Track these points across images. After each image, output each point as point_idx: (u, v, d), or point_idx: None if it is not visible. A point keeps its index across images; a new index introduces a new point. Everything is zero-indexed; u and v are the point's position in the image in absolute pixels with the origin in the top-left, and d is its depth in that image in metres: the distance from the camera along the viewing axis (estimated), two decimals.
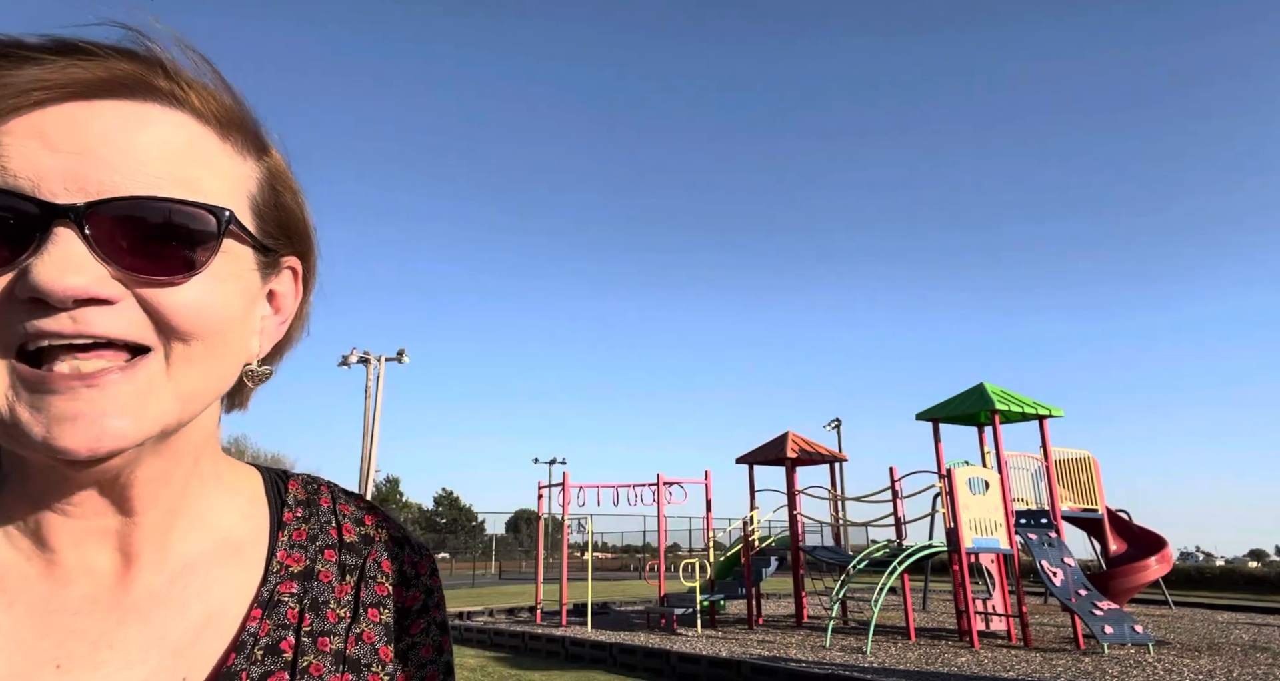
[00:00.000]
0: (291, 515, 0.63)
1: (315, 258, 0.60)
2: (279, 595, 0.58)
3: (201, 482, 0.57)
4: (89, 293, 0.43)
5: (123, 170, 0.45)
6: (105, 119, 0.45)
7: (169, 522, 0.55)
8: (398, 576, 0.65)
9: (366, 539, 0.65)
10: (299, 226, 0.57)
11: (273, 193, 0.54)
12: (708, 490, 14.29)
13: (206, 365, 0.48)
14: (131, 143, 0.45)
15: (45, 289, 0.42)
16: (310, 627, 0.57)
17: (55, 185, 0.43)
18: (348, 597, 0.61)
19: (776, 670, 8.10)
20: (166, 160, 0.46)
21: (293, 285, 0.58)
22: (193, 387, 0.48)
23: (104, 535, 0.52)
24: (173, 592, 0.54)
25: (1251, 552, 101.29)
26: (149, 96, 0.47)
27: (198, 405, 0.49)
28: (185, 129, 0.48)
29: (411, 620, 0.64)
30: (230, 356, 0.51)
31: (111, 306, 0.44)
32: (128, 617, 0.52)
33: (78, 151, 0.44)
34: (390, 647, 0.61)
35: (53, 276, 0.42)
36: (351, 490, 0.70)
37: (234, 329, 0.50)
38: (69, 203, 0.43)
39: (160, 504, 0.53)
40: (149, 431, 0.46)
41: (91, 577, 0.52)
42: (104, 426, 0.44)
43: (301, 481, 0.67)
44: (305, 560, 0.61)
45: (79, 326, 0.43)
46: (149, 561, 0.54)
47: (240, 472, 0.63)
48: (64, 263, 0.42)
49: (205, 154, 0.49)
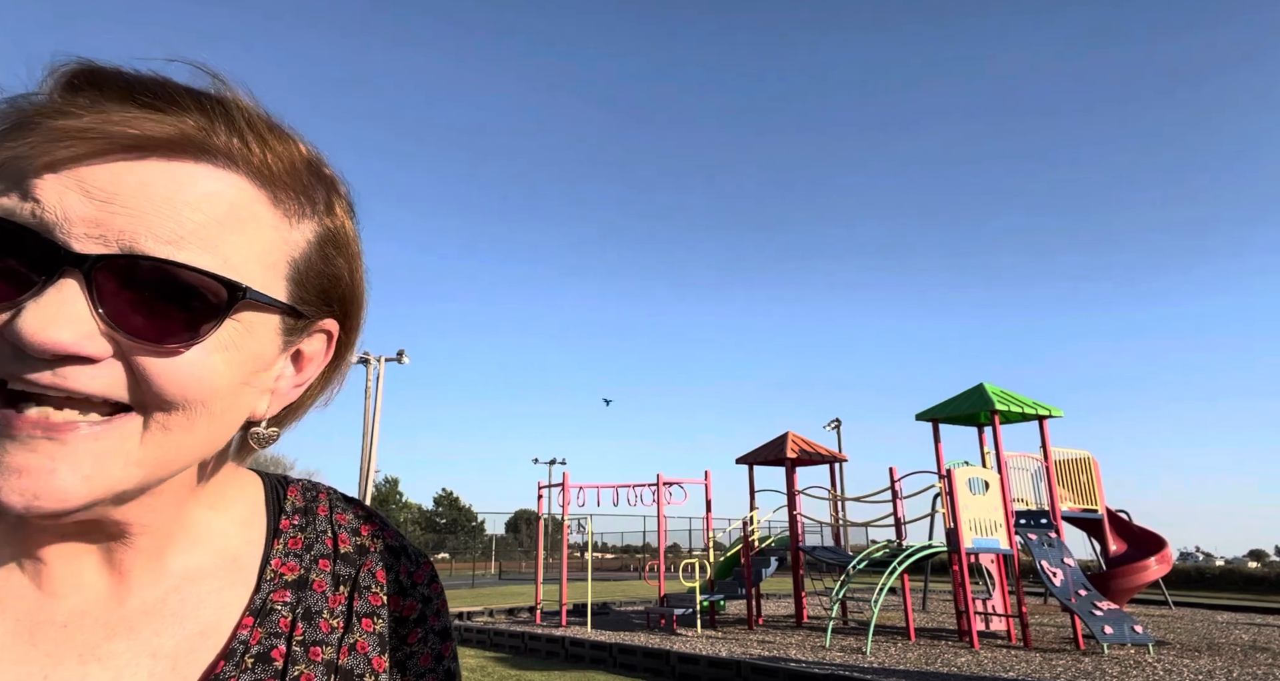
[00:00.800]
0: (288, 523, 0.62)
1: (358, 322, 0.58)
2: (272, 603, 0.57)
3: (199, 501, 0.57)
4: (69, 350, 0.41)
5: (147, 223, 0.43)
6: (149, 173, 0.44)
7: (163, 543, 0.54)
8: (393, 586, 0.64)
9: (361, 549, 0.64)
10: (345, 292, 0.55)
11: (322, 258, 0.52)
12: (707, 490, 14.29)
13: (182, 433, 0.46)
14: (169, 197, 0.44)
15: (24, 339, 0.40)
16: (303, 637, 0.57)
17: (77, 228, 0.42)
18: (341, 608, 0.60)
19: (776, 670, 8.09)
20: (198, 219, 0.44)
21: (323, 348, 0.56)
22: (162, 455, 0.46)
23: (94, 552, 0.51)
24: (167, 605, 0.53)
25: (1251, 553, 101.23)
26: (204, 155, 0.45)
27: (165, 471, 0.47)
28: (233, 190, 0.46)
29: (409, 629, 0.64)
30: (217, 424, 0.48)
31: (94, 364, 0.42)
32: (118, 630, 0.51)
33: (109, 198, 0.42)
34: (384, 658, 0.61)
35: (35, 328, 0.40)
36: (351, 496, 0.69)
37: (222, 398, 0.47)
38: (84, 252, 0.42)
39: (152, 529, 0.52)
40: (98, 496, 0.43)
41: (82, 591, 0.51)
42: (47, 485, 0.41)
43: (301, 488, 0.66)
44: (300, 568, 0.60)
45: (56, 381, 0.41)
46: (142, 577, 0.53)
47: (242, 481, 0.63)
48: (54, 314, 0.40)
49: (245, 217, 0.46)
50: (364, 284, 0.57)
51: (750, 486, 14.53)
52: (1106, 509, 13.59)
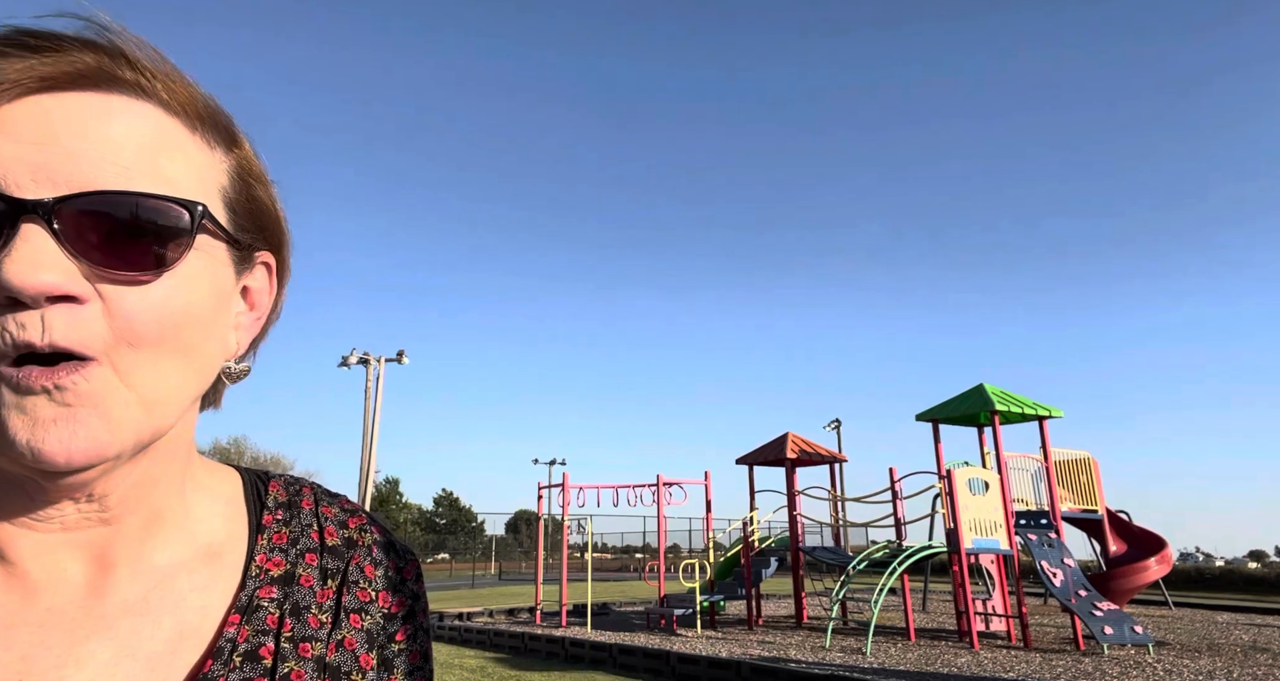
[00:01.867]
0: (271, 517, 0.61)
1: (289, 251, 0.58)
2: (258, 600, 0.55)
3: (182, 487, 0.56)
4: (61, 289, 0.41)
5: (91, 160, 0.43)
6: (71, 109, 0.44)
7: (149, 529, 0.53)
8: (383, 581, 0.63)
9: (349, 542, 0.63)
10: (272, 220, 0.55)
11: (244, 185, 0.52)
12: (707, 491, 14.30)
13: (171, 368, 0.46)
14: (100, 132, 0.44)
15: (16, 286, 0.40)
16: (291, 633, 0.55)
17: (21, 177, 0.41)
18: (329, 603, 0.59)
19: (776, 671, 8.10)
20: (136, 150, 0.45)
21: (267, 280, 0.57)
22: (156, 393, 0.45)
23: (76, 545, 0.50)
24: (149, 603, 0.52)
25: (1251, 553, 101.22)
26: (115, 88, 0.46)
27: (169, 410, 0.47)
28: (153, 119, 0.47)
29: (398, 626, 0.62)
30: (199, 357, 0.48)
31: (78, 307, 0.42)
32: (96, 630, 0.49)
33: (43, 142, 0.42)
34: (372, 655, 0.59)
35: (25, 274, 0.40)
36: (336, 491, 0.68)
37: (201, 328, 0.48)
38: (37, 197, 0.41)
39: (141, 510, 0.51)
40: (122, 441, 0.44)
41: (59, 589, 0.49)
42: (81, 433, 0.42)
43: (283, 482, 0.65)
44: (286, 564, 0.59)
45: (48, 334, 0.41)
46: (125, 571, 0.51)
47: (219, 474, 0.61)
48: (35, 259, 0.40)
49: (175, 144, 0.47)
50: (283, 213, 0.57)
51: (750, 487, 14.54)
52: (1106, 509, 13.59)
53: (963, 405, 12.63)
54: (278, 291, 0.58)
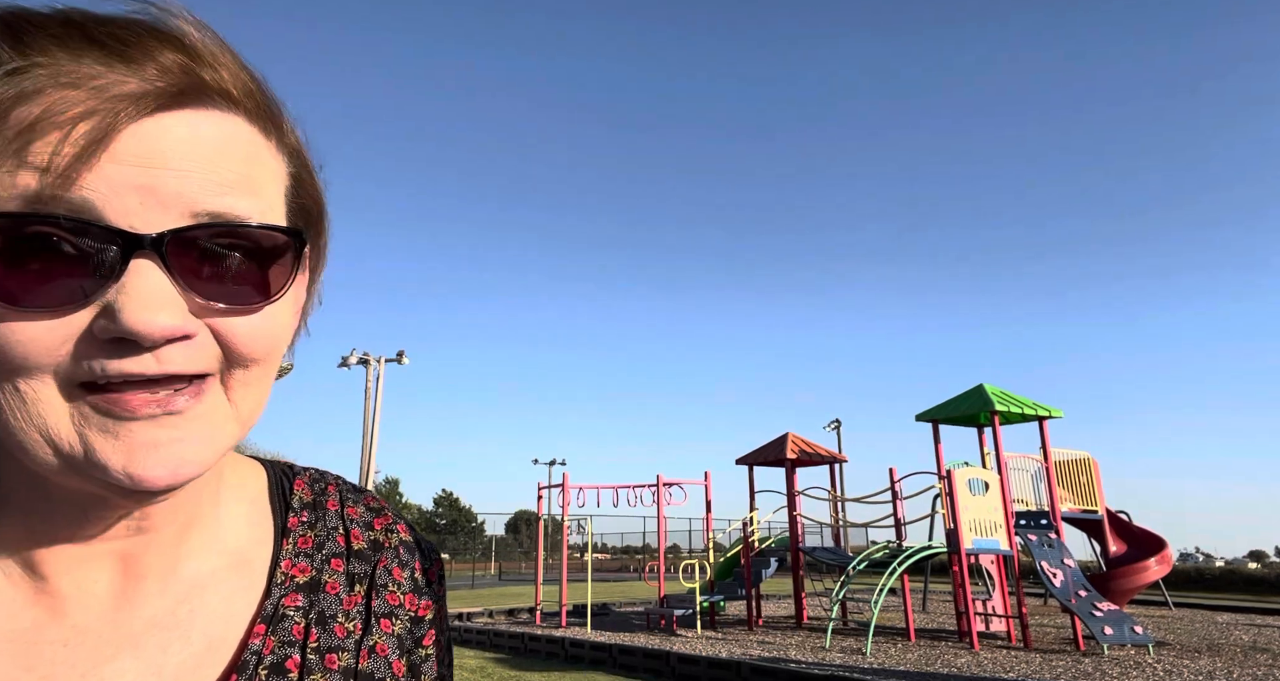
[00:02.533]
0: (297, 520, 0.59)
1: (326, 237, 0.56)
2: (284, 609, 0.54)
3: (217, 490, 0.55)
4: (179, 331, 0.40)
5: (195, 180, 0.41)
6: (170, 128, 0.41)
7: (182, 536, 0.52)
8: (410, 584, 0.61)
9: (375, 544, 0.61)
10: (318, 211, 0.53)
11: (299, 181, 0.50)
12: (707, 491, 14.29)
13: (262, 385, 0.47)
14: (198, 150, 0.42)
15: (137, 331, 0.39)
16: (317, 643, 0.54)
17: (129, 202, 0.39)
18: (357, 609, 0.57)
19: (776, 671, 8.09)
20: (233, 165, 0.43)
21: (306, 270, 0.55)
22: (251, 409, 0.46)
23: (110, 557, 0.48)
24: (177, 616, 0.50)
25: (1251, 553, 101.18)
26: (204, 100, 0.43)
27: (253, 424, 0.48)
28: (241, 129, 0.45)
29: (424, 630, 0.61)
30: (276, 369, 0.49)
31: (191, 341, 0.42)
32: (122, 648, 0.48)
33: (145, 162, 0.40)
34: (403, 661, 0.58)
35: (145, 317, 0.39)
36: (360, 486, 0.66)
37: (287, 342, 0.49)
38: (148, 231, 0.40)
39: (179, 516, 0.50)
40: (219, 456, 0.44)
41: (87, 603, 0.48)
42: (184, 454, 0.42)
43: (308, 479, 0.63)
44: (312, 570, 0.57)
45: (162, 367, 0.40)
46: (154, 584, 0.50)
47: (245, 471, 0.60)
48: (151, 300, 0.39)
49: (260, 157, 0.46)
50: (325, 199, 0.55)
51: (750, 487, 14.53)
52: (1106, 509, 13.59)
53: (963, 405, 12.62)
54: (312, 280, 0.57)
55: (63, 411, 0.40)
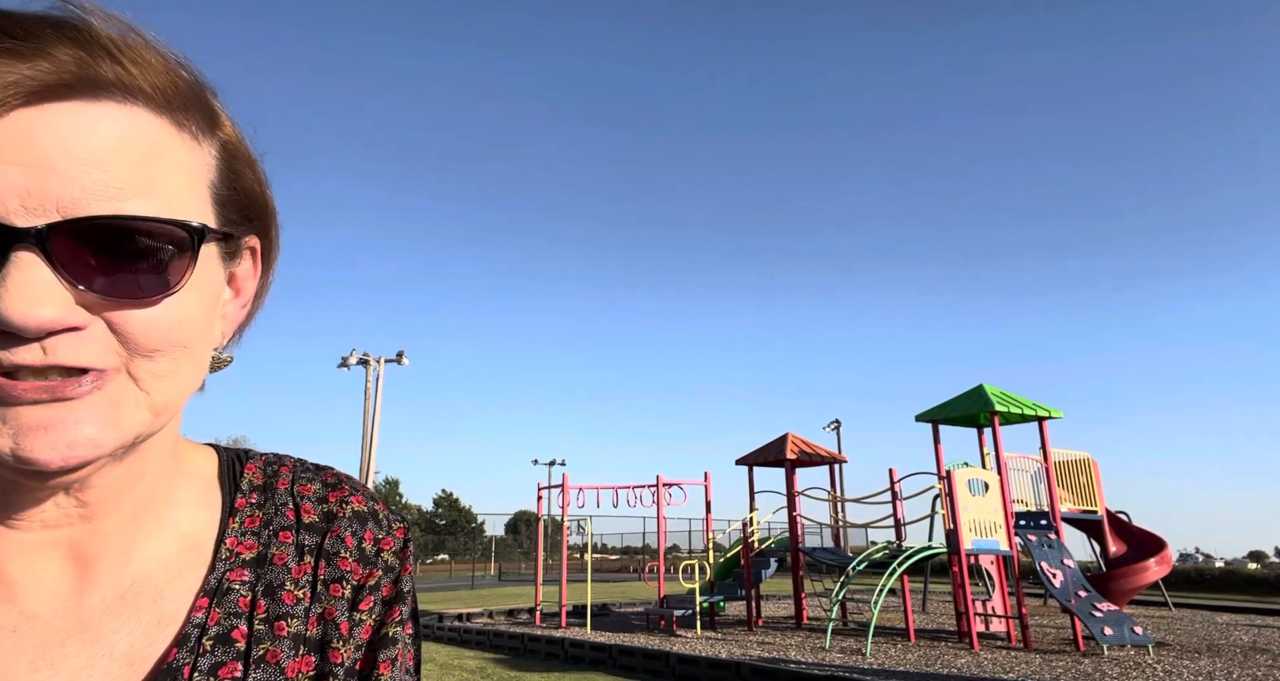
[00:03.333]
0: (244, 501, 0.60)
1: (276, 229, 0.56)
2: (229, 582, 0.55)
3: (170, 478, 0.55)
4: (60, 324, 0.40)
5: (83, 182, 0.41)
6: (58, 124, 0.41)
7: (133, 525, 0.52)
8: (357, 552, 0.61)
9: (328, 515, 0.62)
10: (258, 203, 0.53)
11: (231, 173, 0.50)
12: (707, 491, 14.29)
13: (175, 375, 0.46)
14: (88, 149, 0.41)
15: (15, 324, 0.38)
16: (265, 613, 0.55)
17: (11, 203, 0.39)
18: (306, 577, 0.58)
19: (776, 671, 8.09)
20: (126, 165, 0.42)
21: (252, 265, 0.55)
22: (166, 398, 0.46)
23: (56, 546, 0.49)
24: (126, 598, 0.51)
25: (1251, 554, 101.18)
26: (100, 93, 0.42)
27: (172, 411, 0.47)
28: (141, 124, 0.44)
29: (362, 596, 0.61)
30: (199, 358, 0.49)
31: (79, 333, 0.41)
32: (74, 631, 0.48)
33: (31, 163, 0.40)
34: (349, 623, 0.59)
35: (21, 310, 0.38)
36: (322, 464, 0.66)
37: (200, 333, 0.48)
38: (29, 225, 0.39)
39: (125, 505, 0.51)
40: (124, 440, 0.44)
41: (37, 591, 0.48)
42: (76, 435, 0.41)
43: (261, 463, 0.64)
44: (258, 546, 0.58)
45: (49, 358, 0.40)
46: (106, 568, 0.51)
47: (198, 455, 0.61)
48: (30, 292, 0.39)
49: (165, 151, 0.45)
50: (269, 191, 0.55)
51: (750, 487, 14.53)
52: (1106, 510, 13.59)
53: (962, 406, 12.63)
54: (264, 273, 0.57)
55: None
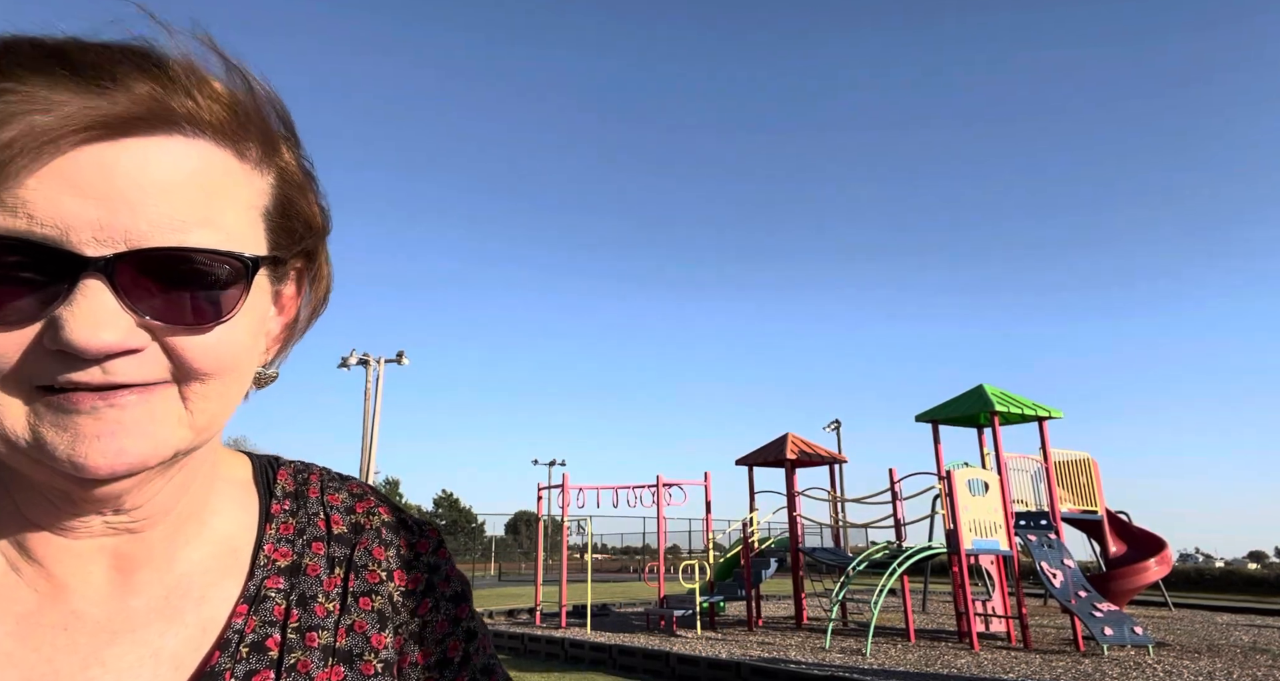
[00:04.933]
0: (279, 507, 0.62)
1: (325, 251, 0.59)
2: (266, 590, 0.57)
3: (209, 487, 0.58)
4: (120, 347, 0.43)
5: (148, 216, 0.44)
6: (130, 158, 0.44)
7: (174, 534, 0.55)
8: (394, 561, 0.64)
9: (356, 527, 0.64)
10: (309, 228, 0.55)
11: (285, 200, 0.53)
12: (707, 491, 14.29)
13: (219, 397, 0.49)
14: (156, 183, 0.44)
15: (79, 346, 0.42)
16: (298, 623, 0.57)
17: (84, 234, 0.42)
18: (337, 590, 0.60)
19: (776, 671, 8.09)
20: (191, 198, 0.45)
21: (296, 286, 0.58)
22: (208, 418, 0.49)
23: (101, 551, 0.51)
24: (170, 604, 0.53)
25: (1251, 554, 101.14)
26: (170, 127, 0.45)
27: (212, 432, 0.50)
28: (206, 158, 0.47)
29: (418, 601, 0.64)
30: (242, 382, 0.51)
31: (139, 355, 0.45)
32: (120, 633, 0.51)
33: (103, 197, 0.43)
34: (385, 635, 0.61)
35: (86, 334, 0.42)
36: (346, 474, 0.69)
37: (247, 359, 0.51)
38: (98, 254, 0.42)
39: (168, 519, 0.53)
40: (164, 454, 0.47)
41: (84, 591, 0.51)
42: (124, 444, 0.44)
43: (292, 471, 0.66)
44: (293, 554, 0.60)
45: (109, 377, 0.44)
46: (148, 574, 0.53)
47: (233, 461, 0.63)
48: (95, 317, 0.42)
49: (226, 183, 0.48)
50: (322, 213, 0.57)
51: (750, 488, 14.53)
52: (1106, 510, 13.59)
53: (962, 406, 12.63)
54: (313, 290, 0.60)
55: (21, 411, 0.44)
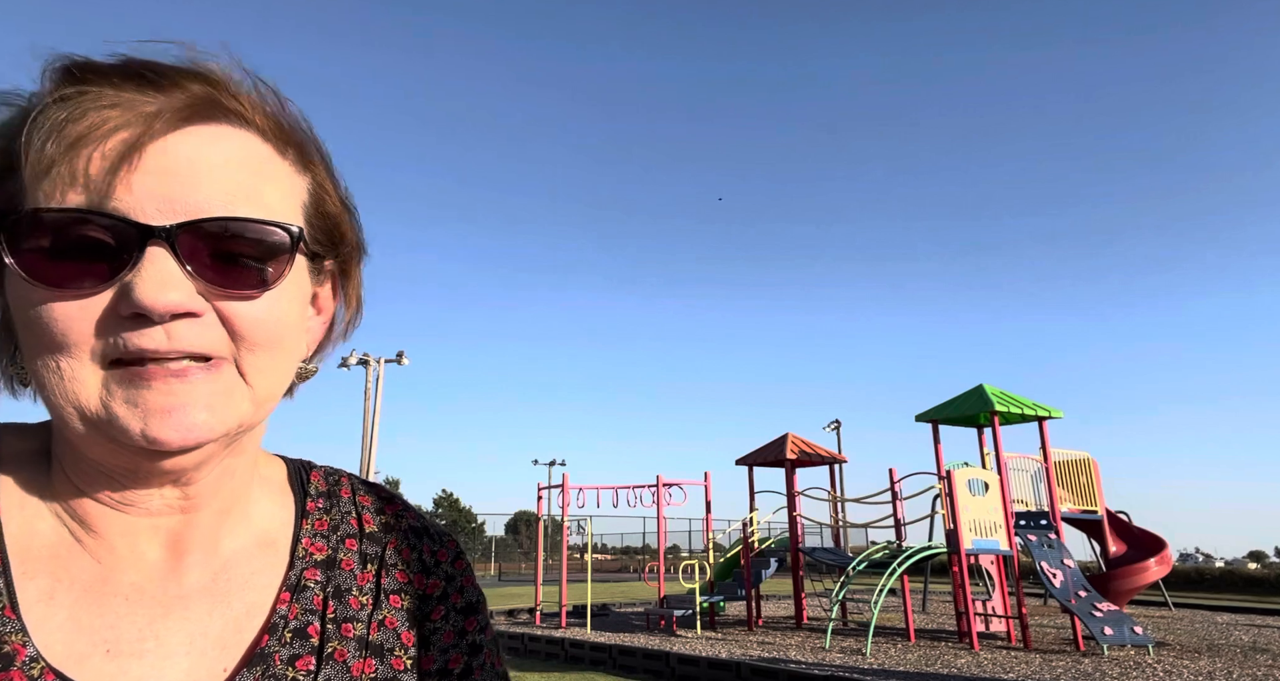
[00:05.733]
0: (314, 505, 0.66)
1: (357, 261, 0.64)
2: (305, 580, 0.61)
3: (251, 477, 0.62)
4: (184, 307, 0.47)
5: (204, 190, 0.49)
6: (185, 141, 0.50)
7: (220, 520, 0.59)
8: (417, 564, 0.68)
9: (386, 527, 0.68)
10: (342, 232, 0.60)
11: (319, 202, 0.58)
12: (707, 491, 14.29)
13: (274, 371, 0.53)
14: (209, 162, 0.50)
15: (148, 305, 0.46)
16: (334, 614, 0.60)
17: (149, 207, 0.48)
18: (369, 585, 0.64)
19: (776, 671, 8.09)
20: (239, 176, 0.51)
21: (330, 290, 0.63)
22: (265, 391, 0.53)
23: (155, 531, 0.55)
24: (217, 586, 0.57)
25: (1251, 554, 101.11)
26: (219, 118, 0.52)
27: (270, 406, 0.55)
28: (252, 146, 0.53)
29: (432, 607, 0.67)
30: (291, 360, 0.56)
31: (197, 320, 0.49)
32: (172, 609, 0.54)
33: (165, 173, 0.48)
34: (413, 633, 0.64)
35: (154, 293, 0.46)
36: (372, 481, 0.72)
37: (293, 335, 0.55)
38: (162, 223, 0.47)
39: (217, 500, 0.57)
40: (230, 426, 0.51)
41: (140, 567, 0.54)
42: (195, 418, 0.48)
43: (323, 473, 0.70)
44: (328, 549, 0.64)
45: (172, 343, 0.48)
46: (197, 558, 0.57)
47: (270, 462, 0.67)
48: (162, 280, 0.47)
49: (269, 169, 0.54)
50: (357, 229, 0.63)
51: (750, 487, 14.53)
52: (1106, 510, 13.59)
53: (962, 406, 12.62)
54: (346, 295, 0.64)
55: (94, 384, 0.48)
